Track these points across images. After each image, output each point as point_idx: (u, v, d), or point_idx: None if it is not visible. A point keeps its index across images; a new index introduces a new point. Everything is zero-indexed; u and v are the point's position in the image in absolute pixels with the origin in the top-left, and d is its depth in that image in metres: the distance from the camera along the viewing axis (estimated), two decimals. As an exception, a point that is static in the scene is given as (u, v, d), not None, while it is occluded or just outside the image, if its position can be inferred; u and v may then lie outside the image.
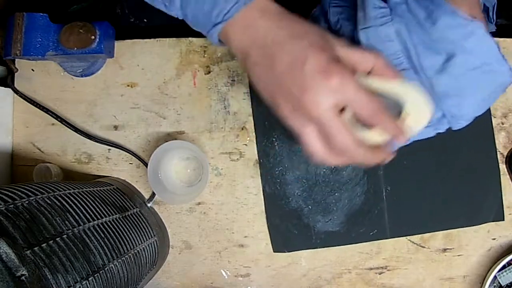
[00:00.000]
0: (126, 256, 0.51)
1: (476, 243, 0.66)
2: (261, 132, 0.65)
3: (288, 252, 0.65)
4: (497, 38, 0.65)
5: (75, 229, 0.45)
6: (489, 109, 0.65)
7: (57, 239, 0.42)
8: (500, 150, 0.65)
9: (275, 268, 0.66)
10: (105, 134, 0.66)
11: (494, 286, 0.64)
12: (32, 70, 0.66)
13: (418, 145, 0.64)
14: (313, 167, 0.65)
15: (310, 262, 0.66)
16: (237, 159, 0.65)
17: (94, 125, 0.66)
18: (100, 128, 0.66)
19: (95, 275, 0.44)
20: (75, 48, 0.59)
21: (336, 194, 0.65)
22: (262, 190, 0.65)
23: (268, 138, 0.65)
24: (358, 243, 0.65)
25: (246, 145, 0.65)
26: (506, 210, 0.65)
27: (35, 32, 0.59)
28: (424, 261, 0.66)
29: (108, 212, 0.53)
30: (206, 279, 0.66)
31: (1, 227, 0.37)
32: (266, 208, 0.65)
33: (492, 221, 0.65)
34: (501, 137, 0.65)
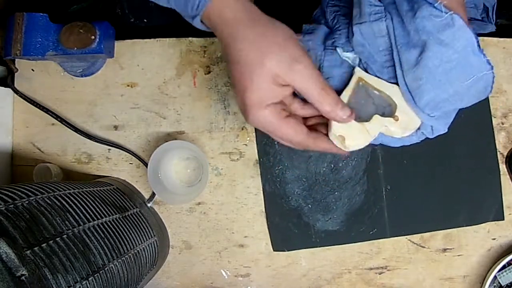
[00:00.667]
0: (126, 256, 0.51)
1: (476, 243, 0.66)
2: (261, 131, 0.65)
3: (288, 251, 0.65)
4: (497, 38, 0.65)
5: (75, 229, 0.45)
6: (489, 109, 0.65)
7: (57, 239, 0.42)
8: (500, 150, 0.65)
9: (275, 268, 0.66)
10: (105, 134, 0.66)
11: (494, 286, 0.64)
12: (32, 70, 0.66)
13: (418, 145, 0.64)
14: (313, 166, 0.65)
15: (310, 262, 0.66)
16: (237, 159, 0.65)
17: (94, 125, 0.66)
18: (100, 128, 0.66)
19: (95, 275, 0.44)
20: (75, 48, 0.59)
21: (336, 193, 0.65)
22: (262, 189, 0.65)
23: (268, 137, 0.64)
24: (358, 242, 0.65)
25: (246, 145, 0.65)
26: (506, 210, 0.65)
27: (35, 32, 0.59)
28: (424, 261, 0.66)
29: (108, 212, 0.53)
30: (206, 279, 0.66)
31: (1, 227, 0.37)
32: (266, 207, 0.65)
33: (492, 220, 0.65)
34: (501, 137, 0.65)
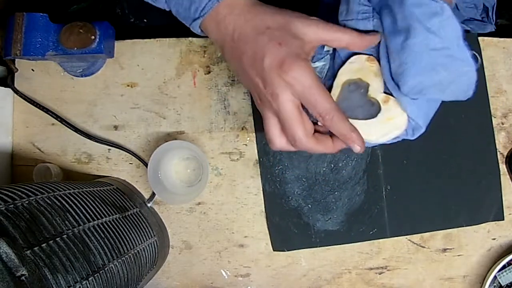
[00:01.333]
0: (126, 256, 0.51)
1: (476, 243, 0.66)
2: (261, 131, 0.65)
3: (288, 251, 0.65)
4: (497, 38, 0.65)
5: (75, 229, 0.45)
6: (489, 109, 0.65)
7: (57, 239, 0.42)
8: (500, 150, 0.65)
9: (275, 268, 0.66)
10: (105, 134, 0.66)
11: (494, 286, 0.64)
12: (32, 70, 0.66)
13: (418, 144, 0.64)
14: (313, 166, 0.65)
15: (310, 262, 0.66)
16: (237, 159, 0.65)
17: (94, 125, 0.66)
18: (100, 128, 0.66)
19: (95, 275, 0.44)
20: (75, 48, 0.59)
21: (336, 193, 0.65)
22: (262, 189, 0.65)
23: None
24: (358, 242, 0.65)
25: (246, 145, 0.65)
26: (506, 210, 0.65)
27: (35, 32, 0.59)
28: (424, 261, 0.66)
29: (108, 212, 0.53)
30: (206, 279, 0.66)
31: (1, 227, 0.37)
32: (266, 207, 0.65)
33: (492, 220, 0.65)
34: (501, 137, 0.65)
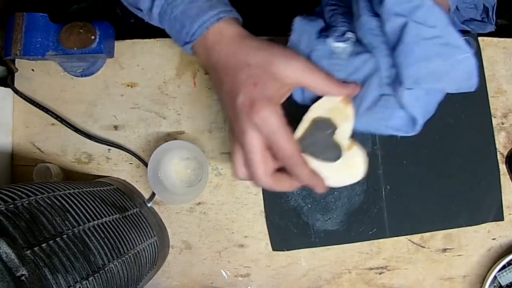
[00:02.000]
0: (126, 256, 0.51)
1: (476, 243, 0.66)
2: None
3: (287, 250, 0.65)
4: (497, 38, 0.65)
5: (75, 229, 0.45)
6: (489, 109, 0.65)
7: (57, 239, 0.42)
8: (500, 150, 0.65)
9: (275, 268, 0.66)
10: (105, 134, 0.66)
11: (494, 286, 0.64)
12: (32, 70, 0.66)
13: (418, 145, 0.65)
14: (313, 167, 0.65)
15: (310, 262, 0.66)
16: (237, 159, 0.65)
17: (94, 125, 0.66)
18: (100, 128, 0.66)
19: (95, 275, 0.44)
20: (75, 48, 0.59)
21: (336, 192, 0.65)
22: (262, 188, 0.65)
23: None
24: (357, 242, 0.65)
25: (246, 145, 0.65)
26: (506, 210, 0.65)
27: (35, 32, 0.59)
28: (424, 261, 0.66)
29: (108, 212, 0.53)
30: (206, 279, 0.66)
31: (1, 227, 0.37)
32: (265, 207, 0.65)
33: (492, 221, 0.65)
34: (501, 137, 0.65)
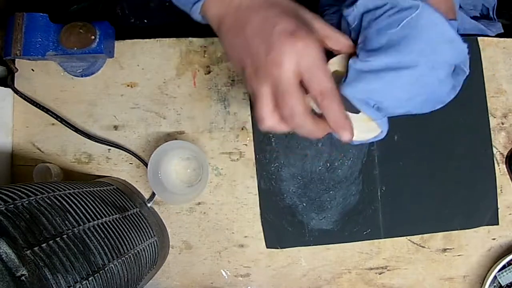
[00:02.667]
0: (126, 256, 0.51)
1: (476, 243, 0.66)
2: (259, 128, 0.65)
3: (281, 248, 0.65)
4: (497, 38, 0.65)
5: (75, 229, 0.45)
6: (487, 112, 0.65)
7: (57, 239, 0.42)
8: (500, 150, 0.65)
9: (275, 268, 0.66)
10: (105, 134, 0.66)
11: (494, 286, 0.64)
12: (32, 70, 0.66)
13: (415, 146, 0.65)
14: (309, 165, 0.65)
15: (310, 262, 0.66)
16: (237, 159, 0.65)
17: (94, 125, 0.66)
18: (100, 128, 0.66)
19: (95, 275, 0.44)
20: (75, 48, 0.59)
21: (331, 192, 0.65)
22: (257, 186, 0.65)
23: (265, 134, 0.65)
24: (351, 242, 0.65)
25: (246, 145, 0.65)
26: (506, 210, 0.65)
27: (35, 32, 0.59)
28: (424, 261, 0.66)
29: (108, 212, 0.53)
30: (206, 279, 0.66)
31: (1, 227, 0.37)
32: (260, 204, 0.65)
33: (486, 225, 0.65)
34: (501, 137, 0.65)
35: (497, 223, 0.65)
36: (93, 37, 0.59)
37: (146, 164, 0.64)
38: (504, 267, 0.63)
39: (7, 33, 0.59)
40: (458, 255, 0.66)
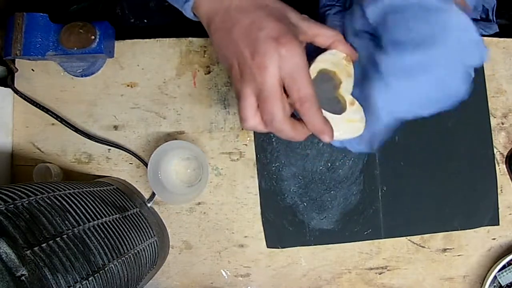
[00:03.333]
0: (126, 256, 0.51)
1: (476, 243, 0.66)
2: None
3: (282, 248, 0.65)
4: (497, 38, 0.65)
5: (75, 229, 0.45)
6: (488, 113, 0.65)
7: (57, 239, 0.42)
8: (500, 150, 0.65)
9: (275, 268, 0.66)
10: (105, 134, 0.66)
11: (494, 286, 0.64)
12: (32, 70, 0.66)
13: (416, 146, 0.65)
14: (310, 164, 0.65)
15: (310, 262, 0.66)
16: (237, 159, 0.65)
17: (94, 125, 0.66)
18: (100, 128, 0.66)
19: (95, 275, 0.44)
20: (75, 48, 0.59)
21: (332, 192, 0.65)
22: (258, 185, 0.65)
23: (266, 133, 0.65)
24: (352, 242, 0.65)
25: (246, 145, 0.65)
26: (506, 210, 0.65)
27: (35, 32, 0.59)
28: (424, 261, 0.66)
29: (108, 212, 0.53)
30: (206, 279, 0.66)
31: (1, 227, 0.37)
32: (261, 204, 0.65)
33: (487, 225, 0.65)
34: (501, 137, 0.65)
35: (497, 223, 0.65)
36: (93, 37, 0.59)
37: (146, 164, 0.64)
38: (504, 267, 0.63)
39: (7, 33, 0.59)
40: (458, 255, 0.66)
